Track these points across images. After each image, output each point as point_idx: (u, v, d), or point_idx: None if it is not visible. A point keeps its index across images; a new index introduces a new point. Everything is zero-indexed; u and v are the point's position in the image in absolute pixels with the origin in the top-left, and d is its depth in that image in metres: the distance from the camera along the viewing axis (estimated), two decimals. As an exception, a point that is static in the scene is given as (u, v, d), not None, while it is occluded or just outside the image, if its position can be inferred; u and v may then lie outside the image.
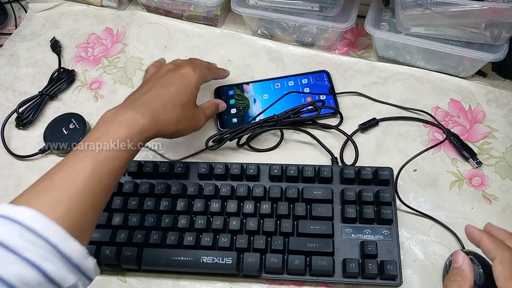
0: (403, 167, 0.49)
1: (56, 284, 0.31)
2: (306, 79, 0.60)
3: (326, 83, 0.60)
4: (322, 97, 0.58)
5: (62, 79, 0.64)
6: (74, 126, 0.58)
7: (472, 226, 0.37)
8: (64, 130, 0.58)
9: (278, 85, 0.60)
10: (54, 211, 0.32)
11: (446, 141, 0.54)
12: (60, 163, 0.37)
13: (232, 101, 0.60)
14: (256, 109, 0.59)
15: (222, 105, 0.55)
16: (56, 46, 0.68)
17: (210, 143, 0.54)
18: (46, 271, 0.30)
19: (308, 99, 0.58)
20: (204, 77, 0.52)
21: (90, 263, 0.34)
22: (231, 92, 0.61)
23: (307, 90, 0.59)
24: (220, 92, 0.61)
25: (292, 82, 0.60)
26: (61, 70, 0.65)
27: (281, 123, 0.55)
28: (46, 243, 0.30)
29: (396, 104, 0.57)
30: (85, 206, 0.35)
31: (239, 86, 0.61)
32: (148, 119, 0.42)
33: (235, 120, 0.59)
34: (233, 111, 0.59)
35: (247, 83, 0.61)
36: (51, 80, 0.64)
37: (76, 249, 0.32)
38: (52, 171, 0.36)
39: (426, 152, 0.54)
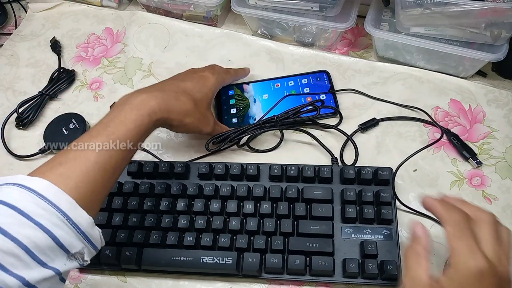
0: (399, 166, 0.49)
1: (64, 249, 0.33)
2: (306, 79, 0.60)
3: (326, 83, 0.60)
4: (322, 97, 0.58)
5: (62, 79, 0.64)
6: (74, 126, 0.58)
7: (428, 196, 0.39)
8: (64, 130, 0.58)
9: (278, 85, 0.60)
10: (66, 183, 0.35)
11: (442, 139, 0.54)
12: (75, 142, 0.39)
13: (232, 101, 0.60)
14: (256, 109, 0.59)
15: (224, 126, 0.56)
16: (56, 46, 0.68)
17: (211, 145, 0.54)
18: (56, 236, 0.32)
19: (308, 99, 0.58)
20: (223, 81, 0.55)
21: (96, 232, 0.36)
22: (231, 92, 0.61)
23: (307, 90, 0.59)
24: (220, 92, 0.61)
25: (292, 82, 0.60)
26: (61, 70, 0.65)
27: (281, 124, 0.54)
28: (57, 211, 0.33)
29: (396, 103, 0.57)
30: (96, 181, 0.37)
31: (239, 86, 0.61)
32: (157, 101, 0.44)
33: (235, 120, 0.59)
34: (233, 111, 0.59)
35: (247, 83, 0.61)
36: (51, 80, 0.64)
37: (84, 218, 0.34)
38: (68, 147, 0.38)
39: (426, 152, 0.54)
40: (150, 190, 0.51)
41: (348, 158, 0.54)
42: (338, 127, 0.56)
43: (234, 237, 0.48)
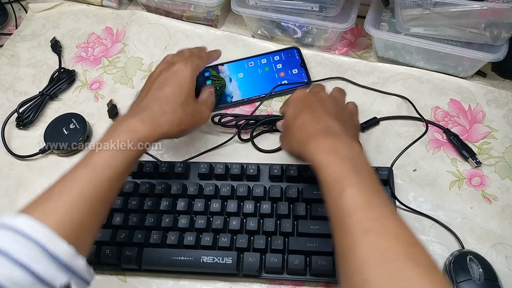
0: (394, 162, 0.50)
1: (47, 284, 0.31)
2: (278, 56, 0.63)
3: (297, 58, 0.62)
4: (295, 71, 0.61)
5: (63, 79, 0.64)
6: (74, 126, 0.58)
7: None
8: (64, 130, 0.58)
9: (252, 64, 0.63)
10: (49, 218, 0.34)
11: (442, 139, 0.54)
12: (62, 174, 0.38)
13: (208, 82, 0.62)
14: (232, 88, 0.61)
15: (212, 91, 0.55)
16: (56, 46, 0.68)
17: (216, 120, 0.56)
18: (34, 271, 0.31)
19: (282, 74, 0.61)
20: (197, 68, 0.51)
21: (80, 262, 0.34)
22: (206, 74, 0.62)
23: (279, 66, 0.62)
24: None
25: (265, 60, 0.63)
26: (62, 70, 0.65)
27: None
28: (35, 245, 0.31)
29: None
30: (81, 214, 0.35)
31: (214, 67, 0.63)
32: (147, 126, 0.42)
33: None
34: None
35: (222, 64, 0.63)
36: (52, 80, 0.64)
37: (63, 249, 0.33)
38: (55, 181, 0.37)
39: (426, 152, 0.54)
40: (150, 190, 0.51)
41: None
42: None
43: (234, 237, 0.48)
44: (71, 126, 0.58)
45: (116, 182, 0.39)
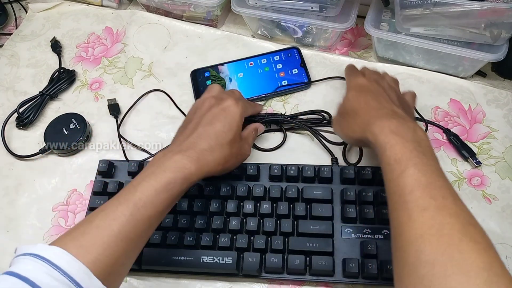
0: None
1: None
2: (278, 56, 0.63)
3: (297, 58, 0.62)
4: (295, 71, 0.61)
5: (63, 79, 0.64)
6: (74, 126, 0.58)
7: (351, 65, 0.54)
8: (64, 130, 0.58)
9: (252, 64, 0.63)
10: (86, 254, 0.33)
11: (442, 139, 0.54)
12: (102, 206, 0.37)
13: (209, 82, 0.62)
14: (232, 88, 0.61)
15: (261, 128, 0.55)
16: (56, 46, 0.68)
17: None
18: None
19: (282, 74, 0.61)
20: (246, 110, 0.49)
21: None
22: (207, 74, 0.62)
23: (279, 66, 0.62)
24: (196, 74, 0.63)
25: (265, 60, 0.63)
26: (62, 70, 0.65)
27: (286, 119, 0.56)
28: (70, 281, 0.31)
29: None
30: (118, 252, 0.35)
31: (214, 67, 0.63)
32: (195, 164, 0.41)
33: None
34: None
35: (222, 64, 0.63)
36: (52, 80, 0.64)
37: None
38: (93, 214, 0.37)
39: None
40: (150, 190, 0.51)
41: (349, 158, 0.54)
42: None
43: (234, 237, 0.48)
44: (71, 126, 0.58)
45: (155, 220, 0.39)
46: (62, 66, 0.66)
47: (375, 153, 0.40)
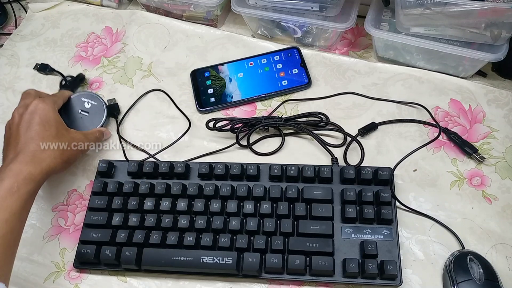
0: (397, 165, 0.50)
1: None
2: (278, 56, 0.63)
3: (297, 58, 0.62)
4: (295, 71, 0.61)
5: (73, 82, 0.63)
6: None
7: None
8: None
9: (252, 64, 0.63)
10: None
11: (442, 139, 0.54)
12: None
13: (208, 82, 0.62)
14: (232, 88, 0.61)
15: (107, 132, 0.58)
16: (46, 68, 0.66)
17: (211, 125, 0.56)
18: None
19: (282, 74, 0.61)
20: (56, 101, 0.53)
21: None
22: (207, 74, 0.62)
23: (279, 66, 0.62)
24: (196, 74, 0.62)
25: (265, 59, 0.63)
26: (69, 78, 0.64)
27: (283, 121, 0.55)
28: None
29: (395, 104, 0.58)
30: None
31: (214, 67, 0.63)
32: (30, 164, 0.45)
33: (212, 99, 0.60)
34: (210, 91, 0.61)
35: (222, 64, 0.63)
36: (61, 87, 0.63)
37: None
38: None
39: (426, 152, 0.54)
40: (150, 190, 0.51)
41: (349, 159, 0.54)
42: (341, 128, 0.56)
43: (234, 237, 0.48)
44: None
45: (13, 223, 0.42)
46: (67, 75, 0.64)
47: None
